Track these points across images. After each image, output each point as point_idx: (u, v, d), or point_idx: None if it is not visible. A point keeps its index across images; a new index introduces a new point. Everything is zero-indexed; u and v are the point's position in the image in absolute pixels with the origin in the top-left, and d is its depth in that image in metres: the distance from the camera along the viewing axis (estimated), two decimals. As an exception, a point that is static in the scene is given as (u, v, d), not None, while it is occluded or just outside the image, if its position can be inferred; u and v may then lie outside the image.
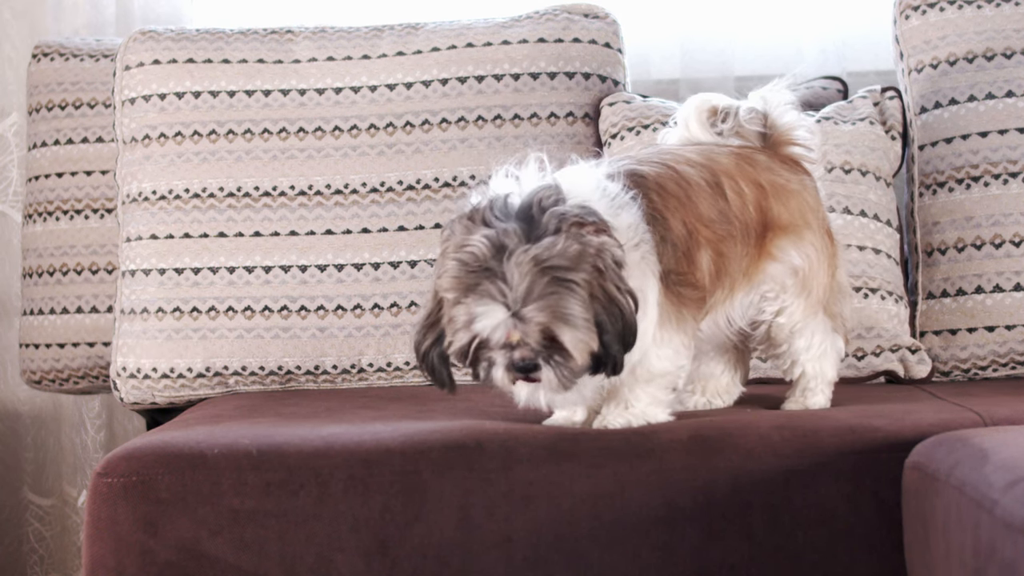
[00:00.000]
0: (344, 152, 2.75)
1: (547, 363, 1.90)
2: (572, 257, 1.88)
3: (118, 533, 1.95)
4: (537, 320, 1.87)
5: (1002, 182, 2.67)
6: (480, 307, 1.89)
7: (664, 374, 2.06)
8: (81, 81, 3.01)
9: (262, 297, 2.67)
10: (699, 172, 2.12)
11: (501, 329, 1.88)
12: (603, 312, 1.89)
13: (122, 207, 2.78)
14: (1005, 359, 2.63)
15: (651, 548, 1.95)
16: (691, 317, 2.08)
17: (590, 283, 1.88)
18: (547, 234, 1.88)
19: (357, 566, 1.95)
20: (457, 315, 1.91)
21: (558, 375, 1.91)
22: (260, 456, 1.98)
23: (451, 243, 1.93)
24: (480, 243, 1.89)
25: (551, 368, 1.90)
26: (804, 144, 2.28)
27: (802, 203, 2.21)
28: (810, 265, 2.20)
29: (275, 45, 2.82)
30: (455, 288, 1.91)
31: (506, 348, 1.90)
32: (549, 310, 1.87)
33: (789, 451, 1.98)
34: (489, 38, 2.79)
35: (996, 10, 2.75)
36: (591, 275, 1.89)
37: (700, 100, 2.30)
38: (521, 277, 1.86)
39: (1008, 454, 1.68)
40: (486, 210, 1.93)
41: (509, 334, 1.88)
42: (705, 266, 2.07)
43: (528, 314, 1.87)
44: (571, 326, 1.88)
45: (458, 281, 1.91)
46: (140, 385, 2.68)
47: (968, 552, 1.64)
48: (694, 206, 2.08)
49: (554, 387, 1.92)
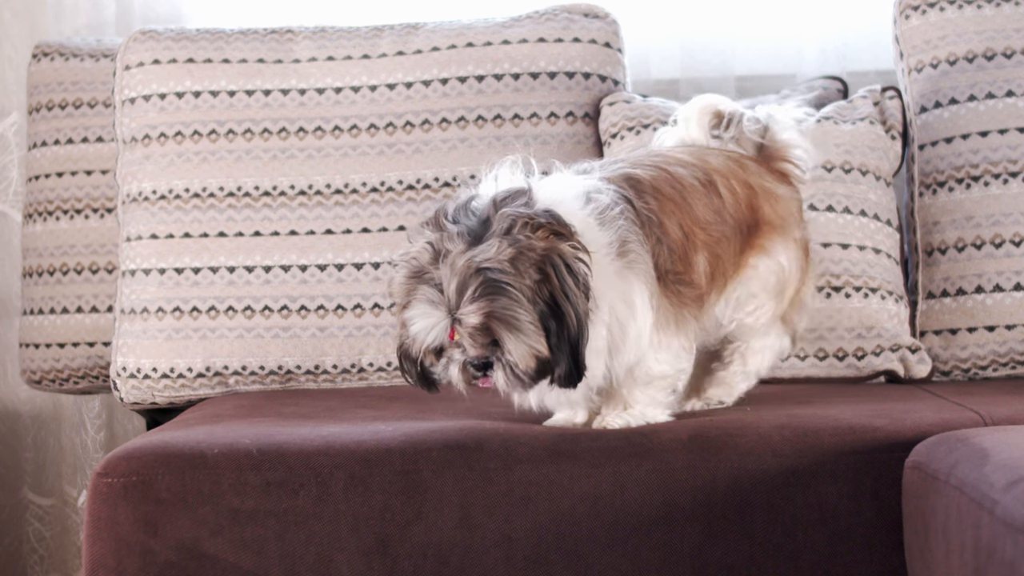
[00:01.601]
0: (344, 152, 2.75)
1: (498, 362, 1.91)
2: (509, 259, 1.88)
3: (118, 533, 1.95)
4: (472, 322, 1.88)
5: (1002, 182, 2.67)
6: (416, 312, 1.91)
7: (663, 376, 2.07)
8: (81, 81, 3.01)
9: (262, 297, 2.67)
10: (692, 172, 2.13)
11: (437, 332, 1.90)
12: (549, 316, 1.89)
13: (122, 207, 2.78)
14: (1005, 359, 2.63)
15: (651, 548, 1.95)
16: (692, 318, 2.08)
17: (531, 286, 1.88)
18: (494, 236, 1.89)
19: (357, 566, 1.95)
20: (402, 322, 1.94)
21: (508, 376, 1.91)
22: (260, 456, 1.98)
23: (400, 249, 1.97)
24: (422, 249, 1.92)
25: (501, 368, 1.91)
26: (797, 164, 2.30)
27: (789, 209, 2.23)
28: (790, 269, 2.22)
29: (275, 45, 2.82)
30: (400, 295, 1.94)
31: (460, 348, 1.92)
32: (484, 312, 1.87)
33: (789, 451, 1.98)
34: (489, 38, 2.79)
35: (996, 10, 2.75)
36: (532, 278, 1.88)
37: (705, 102, 2.30)
38: (454, 280, 1.88)
39: (1008, 454, 1.68)
40: (442, 213, 1.96)
41: (450, 336, 1.90)
42: (701, 268, 2.08)
43: (464, 316, 1.88)
44: (510, 328, 1.88)
45: (401, 288, 1.94)
46: (140, 385, 2.68)
47: (968, 552, 1.64)
48: (690, 208, 2.08)
49: (509, 388, 1.93)
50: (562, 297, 1.89)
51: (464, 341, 1.90)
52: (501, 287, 1.87)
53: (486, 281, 1.87)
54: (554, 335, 1.89)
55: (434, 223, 1.94)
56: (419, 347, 1.94)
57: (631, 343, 2.00)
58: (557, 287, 1.89)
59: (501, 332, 1.88)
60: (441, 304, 1.89)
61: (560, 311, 1.89)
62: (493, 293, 1.87)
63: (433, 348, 1.93)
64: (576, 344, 1.90)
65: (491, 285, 1.87)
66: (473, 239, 1.90)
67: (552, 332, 1.89)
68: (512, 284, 1.87)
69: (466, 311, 1.87)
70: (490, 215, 1.91)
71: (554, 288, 1.89)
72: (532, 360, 1.90)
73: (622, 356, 2.00)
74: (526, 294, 1.88)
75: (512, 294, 1.87)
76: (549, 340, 1.89)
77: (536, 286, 1.88)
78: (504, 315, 1.87)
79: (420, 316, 1.91)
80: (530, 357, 1.89)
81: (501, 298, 1.87)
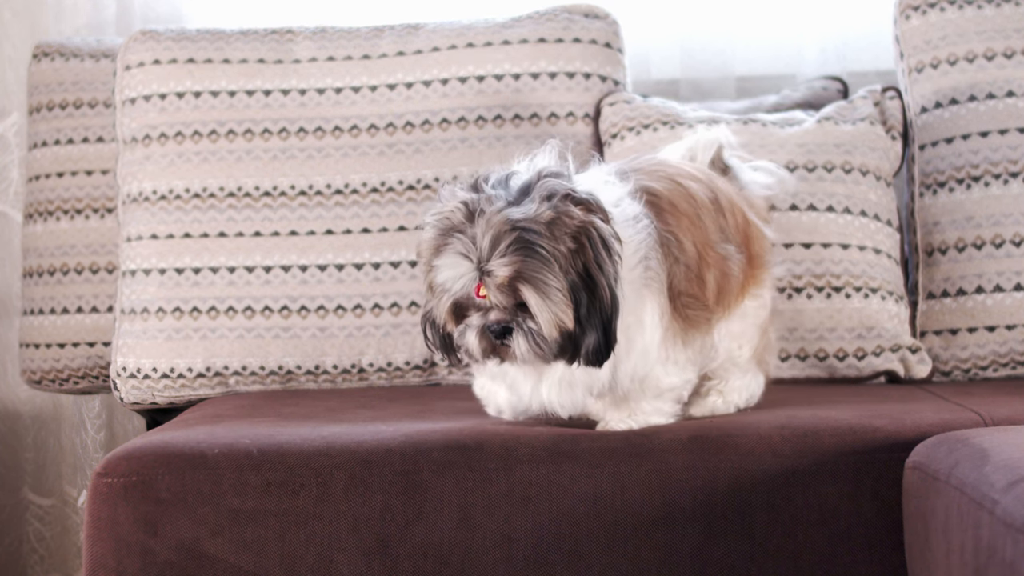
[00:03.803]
0: (344, 152, 2.75)
1: (519, 329, 1.89)
2: (546, 223, 1.87)
3: (118, 533, 1.95)
4: (502, 274, 1.85)
5: (1002, 182, 2.67)
6: (445, 261, 1.89)
7: (672, 388, 2.08)
8: (81, 81, 3.01)
9: (262, 297, 2.67)
10: (702, 189, 2.14)
11: (465, 283, 1.88)
12: (580, 288, 1.88)
13: (122, 207, 2.78)
14: (1005, 359, 2.63)
15: (651, 548, 1.95)
16: (699, 336, 2.09)
17: (565, 254, 1.87)
18: (534, 200, 1.89)
19: (357, 566, 1.95)
20: (430, 279, 1.92)
21: (530, 343, 1.89)
22: (260, 456, 1.98)
23: (432, 210, 1.94)
24: (456, 208, 1.90)
25: (523, 334, 1.88)
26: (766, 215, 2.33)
27: (767, 246, 2.25)
28: (770, 306, 2.24)
29: (275, 45, 2.82)
30: (428, 251, 1.92)
31: (481, 312, 1.90)
32: (515, 269, 1.86)
33: (789, 451, 1.98)
34: (489, 38, 2.79)
35: (996, 10, 2.76)
36: (567, 245, 1.87)
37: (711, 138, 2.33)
38: (488, 234, 1.86)
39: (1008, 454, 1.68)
40: (481, 178, 1.94)
41: (476, 290, 1.87)
42: (712, 287, 2.08)
43: (493, 268, 1.86)
44: (538, 290, 1.86)
45: (430, 244, 1.92)
46: (140, 385, 2.68)
47: (968, 552, 1.64)
48: (704, 226, 2.09)
49: (527, 357, 1.90)
50: (596, 269, 1.88)
51: (491, 295, 1.87)
52: (535, 248, 1.86)
53: (521, 239, 1.86)
54: (584, 307, 1.88)
55: (471, 186, 1.93)
56: (444, 301, 1.91)
57: (636, 356, 2.00)
58: (591, 258, 1.88)
59: (528, 294, 1.86)
60: (472, 255, 1.87)
61: (593, 283, 1.88)
62: (526, 253, 1.86)
63: (459, 299, 1.90)
64: (609, 319, 1.89)
65: (525, 244, 1.86)
66: (512, 202, 1.89)
67: (582, 304, 1.88)
68: (546, 247, 1.86)
69: (496, 264, 1.86)
70: (532, 183, 1.91)
71: (588, 259, 1.88)
72: (555, 329, 1.88)
73: (626, 366, 2.00)
74: (559, 260, 1.87)
75: (545, 257, 1.86)
76: (578, 311, 1.88)
77: (570, 255, 1.87)
78: (534, 277, 1.86)
79: (448, 266, 1.89)
80: (554, 325, 1.88)
81: (534, 260, 1.86)
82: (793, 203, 2.63)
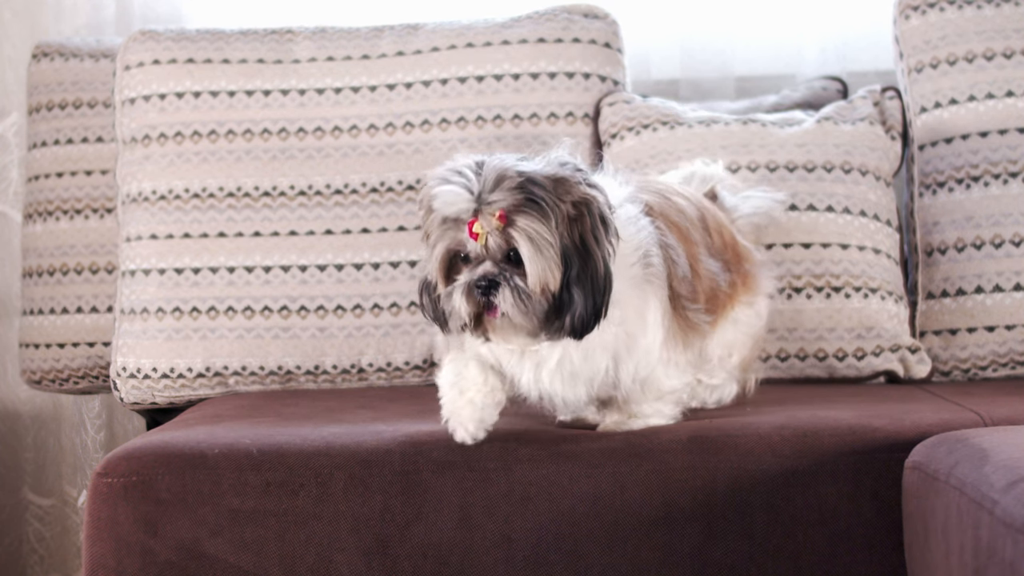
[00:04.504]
0: (344, 152, 2.75)
1: (506, 284, 1.88)
2: (551, 180, 1.89)
3: (118, 533, 1.95)
4: (499, 207, 1.86)
5: (1002, 182, 2.67)
6: (445, 188, 1.90)
7: (673, 391, 2.08)
8: (81, 81, 3.01)
9: (262, 297, 2.67)
10: (690, 206, 2.17)
11: (460, 207, 1.88)
12: (574, 254, 1.89)
13: (122, 207, 2.78)
14: (1005, 359, 2.63)
15: (651, 548, 1.95)
16: (699, 340, 2.11)
17: (564, 217, 1.88)
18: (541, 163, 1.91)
19: (357, 566, 1.95)
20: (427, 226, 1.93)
21: (515, 298, 1.88)
22: (260, 456, 1.98)
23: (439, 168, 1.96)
24: (466, 164, 1.92)
25: (509, 289, 1.88)
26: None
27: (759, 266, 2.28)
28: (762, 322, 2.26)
29: (275, 45, 2.82)
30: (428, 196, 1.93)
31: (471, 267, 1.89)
32: (512, 208, 1.86)
33: (789, 451, 1.98)
34: (489, 38, 2.79)
35: (996, 10, 2.75)
36: (567, 210, 1.89)
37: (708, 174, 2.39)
38: (493, 174, 1.88)
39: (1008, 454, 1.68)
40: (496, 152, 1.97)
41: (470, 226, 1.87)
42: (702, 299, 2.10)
43: (492, 200, 1.87)
44: (531, 240, 1.87)
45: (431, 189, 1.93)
46: (140, 385, 2.68)
47: (968, 552, 1.64)
48: (693, 240, 2.12)
49: (512, 314, 1.89)
50: (592, 240, 1.90)
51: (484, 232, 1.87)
52: (536, 201, 1.87)
53: (524, 187, 1.87)
54: (575, 272, 1.88)
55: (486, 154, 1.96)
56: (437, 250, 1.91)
57: (640, 355, 2.01)
58: (588, 228, 1.90)
59: (521, 240, 1.87)
60: (473, 187, 1.89)
61: (587, 252, 1.89)
62: (526, 201, 1.87)
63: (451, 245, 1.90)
64: (601, 291, 1.90)
65: (527, 194, 1.87)
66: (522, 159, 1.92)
67: (573, 269, 1.88)
68: (547, 201, 1.87)
69: (495, 198, 1.87)
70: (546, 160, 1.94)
71: (585, 229, 1.89)
72: (540, 287, 1.88)
73: (627, 365, 2.01)
74: (557, 219, 1.88)
75: (544, 211, 1.87)
76: (567, 276, 1.88)
77: (569, 221, 1.89)
78: (529, 227, 1.87)
79: (447, 192, 1.90)
80: (540, 282, 1.88)
81: (533, 209, 1.87)
82: (793, 203, 2.63)
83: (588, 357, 1.97)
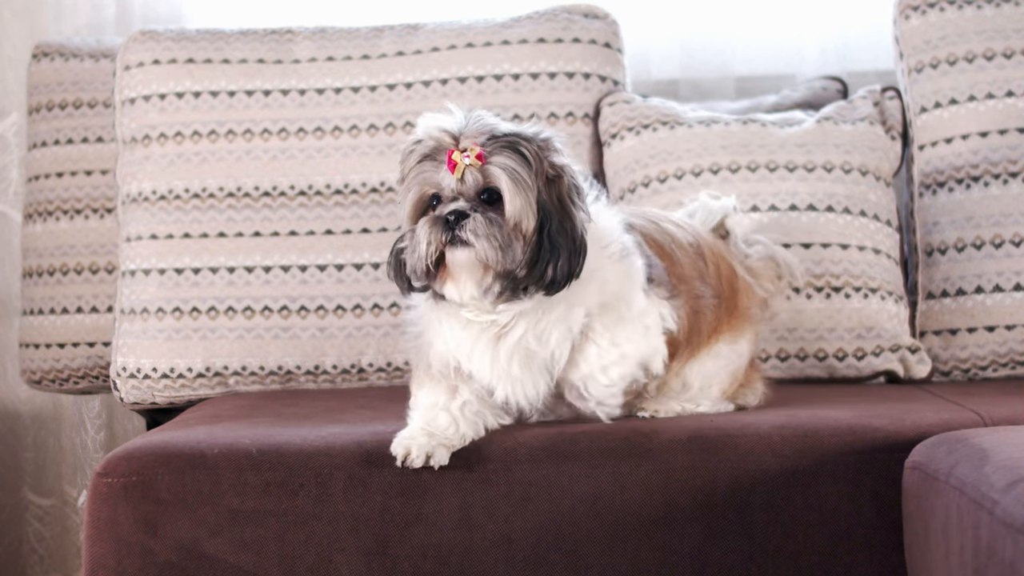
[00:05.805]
0: (344, 152, 2.75)
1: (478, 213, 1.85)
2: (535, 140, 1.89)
3: (118, 533, 1.95)
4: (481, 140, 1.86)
5: (1002, 182, 2.67)
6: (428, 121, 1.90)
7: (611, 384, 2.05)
8: (81, 81, 3.01)
9: (262, 297, 2.67)
10: (682, 233, 2.18)
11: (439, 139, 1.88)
12: (551, 209, 1.88)
13: (122, 207, 2.78)
14: (1005, 359, 2.63)
15: (651, 548, 1.95)
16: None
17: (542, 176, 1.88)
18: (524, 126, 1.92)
19: (357, 566, 1.95)
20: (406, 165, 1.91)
21: (487, 231, 1.84)
22: (260, 456, 1.98)
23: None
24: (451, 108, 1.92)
25: (482, 219, 1.85)
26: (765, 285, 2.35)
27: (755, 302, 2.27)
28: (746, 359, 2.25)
29: (275, 45, 2.82)
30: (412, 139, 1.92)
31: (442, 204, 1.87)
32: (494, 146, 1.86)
33: (789, 451, 1.98)
34: (489, 38, 2.79)
35: (996, 10, 2.75)
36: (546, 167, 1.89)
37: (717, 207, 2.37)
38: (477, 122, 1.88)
39: (1008, 454, 1.68)
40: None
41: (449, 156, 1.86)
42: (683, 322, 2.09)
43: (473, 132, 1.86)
44: (512, 178, 1.86)
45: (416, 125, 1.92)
46: (140, 385, 2.69)
47: (968, 552, 1.64)
48: (678, 260, 2.12)
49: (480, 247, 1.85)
50: (568, 201, 1.90)
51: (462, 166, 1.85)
52: (518, 149, 1.87)
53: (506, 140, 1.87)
54: (555, 225, 1.88)
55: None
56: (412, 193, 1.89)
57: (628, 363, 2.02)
58: (565, 190, 1.90)
59: (500, 177, 1.86)
60: (454, 126, 1.88)
61: (565, 211, 1.89)
62: (508, 145, 1.88)
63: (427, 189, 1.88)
64: (578, 251, 1.89)
65: (509, 142, 1.87)
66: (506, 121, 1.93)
67: (553, 222, 1.87)
68: (528, 153, 1.88)
69: (474, 130, 1.87)
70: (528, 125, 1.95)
71: (562, 191, 1.90)
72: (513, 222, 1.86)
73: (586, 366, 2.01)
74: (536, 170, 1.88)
75: (525, 158, 1.87)
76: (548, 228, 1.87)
77: (547, 181, 1.89)
78: (508, 165, 1.87)
79: (431, 125, 1.90)
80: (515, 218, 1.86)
81: (514, 155, 1.87)
82: (793, 203, 2.63)
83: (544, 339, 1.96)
